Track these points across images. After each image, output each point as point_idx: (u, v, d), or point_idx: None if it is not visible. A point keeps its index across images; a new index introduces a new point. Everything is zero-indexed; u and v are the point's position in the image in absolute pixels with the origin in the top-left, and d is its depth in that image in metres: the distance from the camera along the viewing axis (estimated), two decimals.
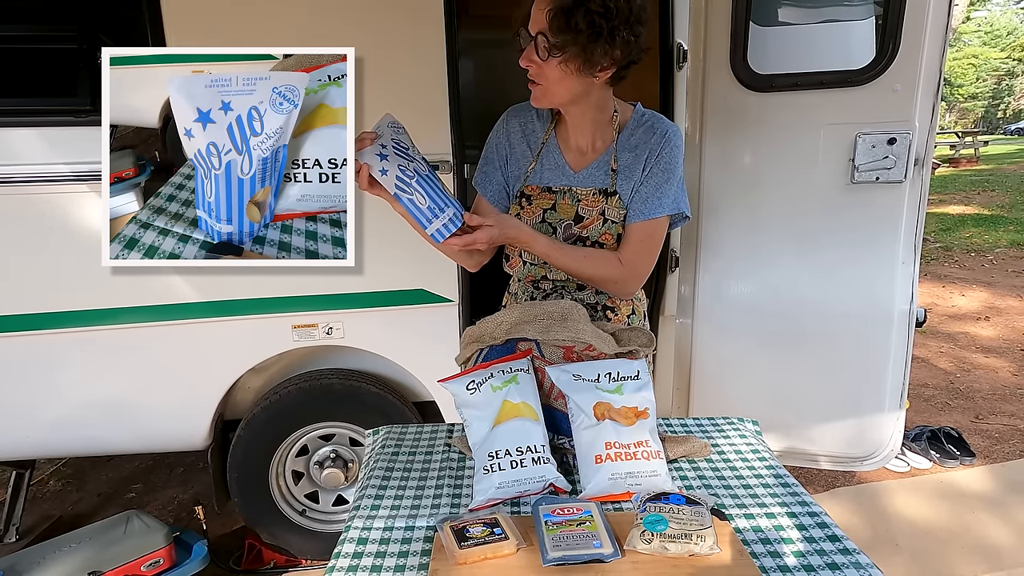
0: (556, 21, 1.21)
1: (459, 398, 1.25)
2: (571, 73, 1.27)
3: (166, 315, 2.17)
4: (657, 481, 1.15)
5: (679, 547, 0.97)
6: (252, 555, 2.56)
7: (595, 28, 1.21)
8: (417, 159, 1.20)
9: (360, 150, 1.16)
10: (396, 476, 1.27)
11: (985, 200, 10.29)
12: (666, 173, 1.39)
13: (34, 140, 2.03)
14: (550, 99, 1.33)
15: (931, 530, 2.63)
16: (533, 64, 1.27)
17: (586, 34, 1.21)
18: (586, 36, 1.21)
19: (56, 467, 3.34)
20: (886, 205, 2.17)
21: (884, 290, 2.21)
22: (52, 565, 2.03)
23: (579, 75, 1.27)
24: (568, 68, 1.26)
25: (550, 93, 1.31)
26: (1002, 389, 3.98)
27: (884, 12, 2.09)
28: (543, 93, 1.32)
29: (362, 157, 1.16)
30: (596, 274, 1.41)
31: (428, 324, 2.29)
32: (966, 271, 6.73)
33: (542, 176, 1.45)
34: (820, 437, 2.39)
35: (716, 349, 2.41)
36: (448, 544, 0.99)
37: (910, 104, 2.09)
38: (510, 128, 1.48)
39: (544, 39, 1.23)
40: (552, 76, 1.27)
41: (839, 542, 1.03)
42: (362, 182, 1.17)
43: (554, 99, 1.33)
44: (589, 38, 1.22)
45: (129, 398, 2.24)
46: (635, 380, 1.23)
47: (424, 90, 2.12)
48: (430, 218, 1.18)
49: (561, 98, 1.33)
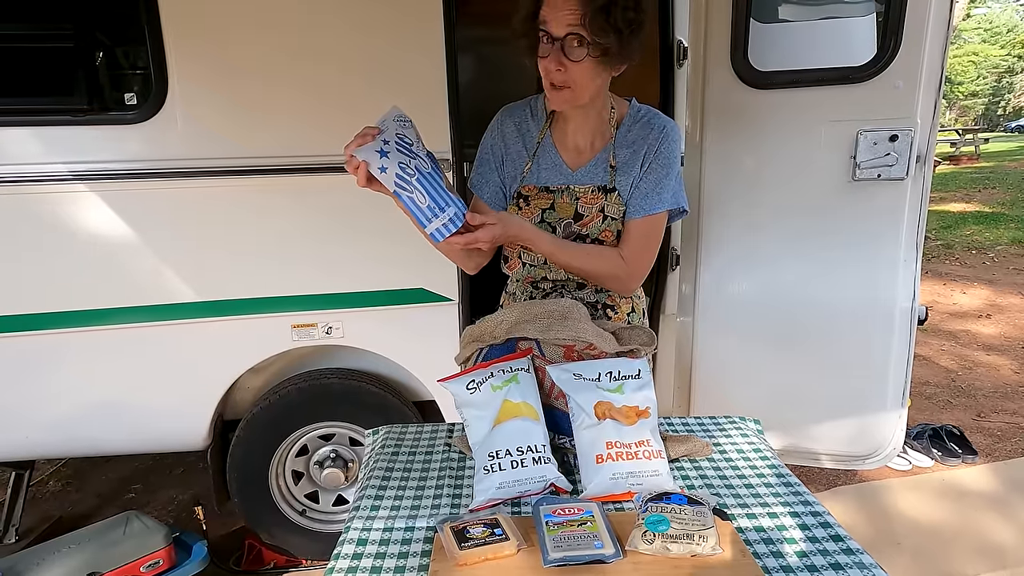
0: (596, 21, 1.19)
1: (459, 398, 1.25)
2: (599, 73, 1.26)
3: (165, 315, 2.16)
4: (659, 481, 1.14)
5: (681, 547, 0.97)
6: (252, 555, 2.56)
7: (632, 25, 1.21)
8: (420, 155, 1.19)
9: (361, 146, 1.15)
10: (396, 476, 1.26)
11: (986, 197, 10.27)
12: (664, 168, 1.38)
13: (31, 139, 2.02)
14: (576, 101, 1.31)
15: (933, 529, 2.62)
16: (562, 67, 1.24)
17: (625, 32, 1.21)
18: (626, 34, 1.21)
19: (56, 468, 3.34)
20: (888, 202, 2.16)
21: (886, 288, 2.20)
22: (52, 566, 2.03)
23: (603, 73, 1.27)
24: (597, 68, 1.25)
25: (577, 96, 1.29)
26: (1004, 387, 3.98)
27: (885, 8, 2.08)
28: (572, 96, 1.29)
29: (361, 154, 1.14)
30: (599, 271, 1.40)
31: (428, 323, 2.28)
32: (967, 269, 6.71)
33: (539, 176, 1.43)
34: (822, 435, 2.38)
35: (717, 347, 2.40)
36: (448, 545, 0.98)
37: (912, 101, 2.08)
38: (505, 128, 1.47)
39: (578, 39, 1.21)
40: (582, 77, 1.25)
41: (842, 542, 1.02)
42: (360, 179, 1.16)
43: (579, 101, 1.31)
44: (629, 35, 1.22)
45: (128, 398, 2.24)
46: (636, 379, 1.23)
47: (424, 87, 2.11)
48: (430, 217, 1.16)
49: (585, 99, 1.31)
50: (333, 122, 2.08)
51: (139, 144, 2.06)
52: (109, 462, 3.36)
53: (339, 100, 2.09)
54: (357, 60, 2.09)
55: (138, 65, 2.13)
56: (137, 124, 2.05)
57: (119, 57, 2.17)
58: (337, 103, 2.09)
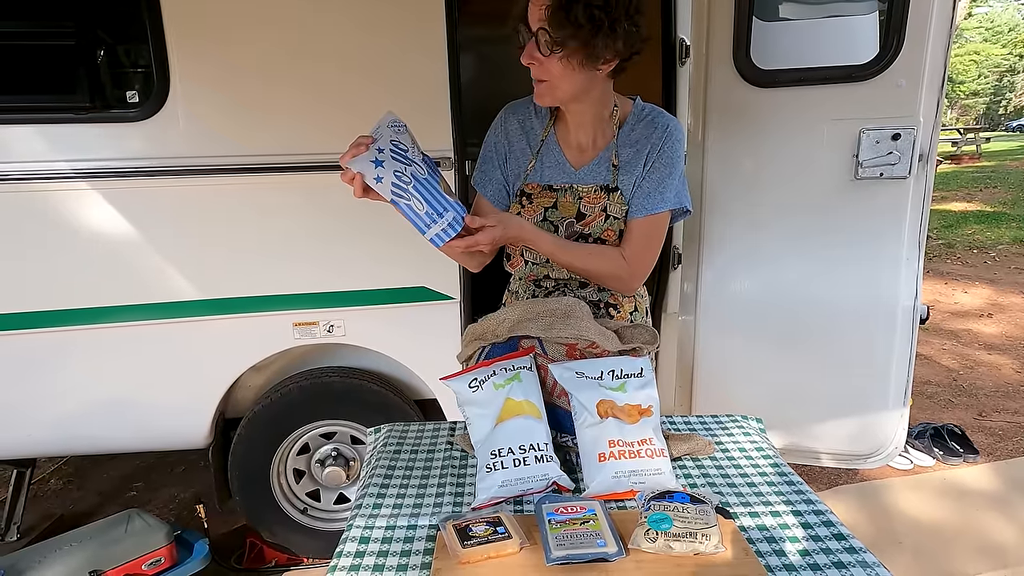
0: (555, 17, 1.19)
1: (461, 396, 1.24)
2: (574, 68, 1.25)
3: (165, 313, 2.16)
4: (661, 479, 1.14)
5: (684, 546, 0.97)
6: (253, 554, 2.56)
7: (595, 22, 1.19)
8: (416, 162, 1.18)
9: (355, 156, 1.14)
10: (398, 475, 1.26)
11: (987, 197, 10.26)
12: (668, 168, 1.38)
13: (33, 137, 2.02)
14: (555, 96, 1.32)
15: (935, 528, 2.62)
16: (535, 61, 1.26)
17: (587, 28, 1.20)
18: (587, 30, 1.20)
19: (57, 466, 3.34)
20: (890, 201, 2.15)
21: (888, 286, 2.20)
22: (53, 564, 2.03)
23: (582, 69, 1.25)
24: (571, 63, 1.24)
25: (555, 90, 1.29)
26: (1005, 386, 3.97)
27: (888, 7, 2.08)
28: (548, 90, 1.30)
29: (355, 165, 1.13)
30: (601, 271, 1.40)
31: (430, 322, 2.28)
32: (969, 268, 6.71)
33: (542, 174, 1.43)
34: (823, 434, 2.38)
35: (719, 346, 2.40)
36: (451, 543, 0.98)
37: (914, 99, 2.07)
38: (508, 126, 1.46)
39: (545, 35, 1.21)
40: (555, 72, 1.26)
41: (845, 540, 1.02)
42: (356, 190, 1.15)
43: (559, 96, 1.32)
44: (590, 32, 1.20)
45: (130, 396, 2.24)
46: (638, 377, 1.22)
47: (425, 86, 2.11)
48: (428, 223, 1.15)
49: (566, 94, 1.31)
50: (334, 121, 2.09)
51: (141, 142, 2.06)
52: (111, 460, 3.37)
53: (340, 99, 2.09)
54: (358, 59, 2.09)
55: (140, 63, 2.13)
56: (139, 122, 2.05)
57: (121, 55, 2.17)
58: (338, 102, 2.09)
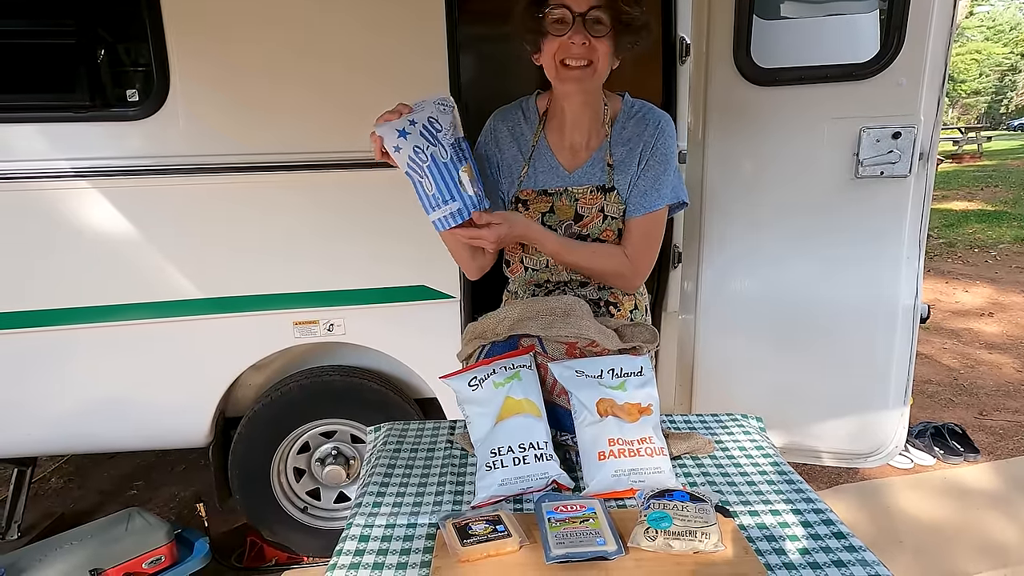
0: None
1: (461, 394, 1.25)
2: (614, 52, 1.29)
3: (167, 312, 2.16)
4: (661, 478, 1.14)
5: (683, 544, 0.97)
6: (254, 552, 2.56)
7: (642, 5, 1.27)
8: (443, 144, 1.18)
9: (388, 121, 1.18)
10: (398, 473, 1.26)
11: (988, 196, 10.25)
12: (662, 164, 1.38)
13: (34, 136, 2.02)
14: (594, 81, 1.31)
15: (935, 527, 2.62)
16: (587, 42, 1.25)
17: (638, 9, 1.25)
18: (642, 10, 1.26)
19: (58, 464, 3.34)
20: (891, 200, 2.15)
21: (888, 285, 2.20)
22: (54, 562, 2.03)
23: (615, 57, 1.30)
24: (610, 47, 1.27)
25: (598, 72, 1.29)
26: (1006, 385, 3.97)
27: (889, 5, 2.07)
28: (591, 73, 1.29)
29: (380, 129, 1.18)
30: (605, 269, 1.40)
31: (430, 320, 2.28)
32: (970, 267, 6.70)
33: (536, 179, 1.42)
34: (824, 433, 2.38)
35: (719, 345, 2.40)
36: (450, 541, 0.98)
37: (915, 98, 2.07)
38: (498, 133, 1.45)
39: (603, 13, 1.23)
40: (603, 52, 1.27)
41: (844, 539, 1.02)
42: (376, 152, 1.20)
43: (599, 79, 1.31)
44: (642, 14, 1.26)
45: (130, 395, 2.24)
46: (638, 376, 1.23)
47: (426, 84, 2.10)
48: (433, 206, 1.18)
49: (601, 78, 1.31)
50: (334, 120, 2.09)
51: (141, 141, 2.06)
52: (111, 459, 3.37)
53: (340, 98, 2.09)
54: (358, 57, 2.09)
55: (140, 62, 2.13)
56: (139, 121, 2.04)
57: (121, 54, 2.17)
58: (338, 101, 2.08)
